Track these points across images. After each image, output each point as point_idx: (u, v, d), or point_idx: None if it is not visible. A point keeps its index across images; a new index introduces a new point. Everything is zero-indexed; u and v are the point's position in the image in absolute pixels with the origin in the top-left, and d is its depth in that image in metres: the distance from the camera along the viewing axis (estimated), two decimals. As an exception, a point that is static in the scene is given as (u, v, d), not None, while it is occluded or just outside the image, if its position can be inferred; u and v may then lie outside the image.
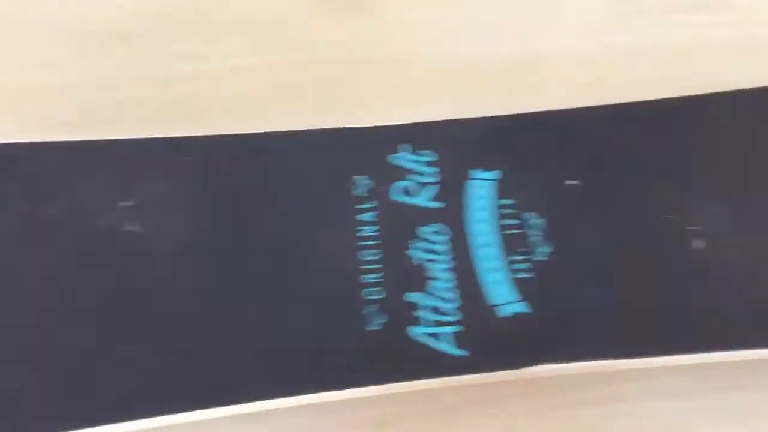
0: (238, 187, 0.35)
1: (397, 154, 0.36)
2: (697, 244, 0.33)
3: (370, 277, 0.32)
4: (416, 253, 0.33)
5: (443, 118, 0.37)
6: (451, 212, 0.33)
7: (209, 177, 0.34)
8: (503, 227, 0.34)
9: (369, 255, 0.33)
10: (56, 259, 0.31)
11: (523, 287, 0.32)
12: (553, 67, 0.42)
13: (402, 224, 0.34)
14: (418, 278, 0.31)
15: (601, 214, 0.34)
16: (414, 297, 0.31)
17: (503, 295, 0.32)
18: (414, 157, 0.36)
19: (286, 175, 0.34)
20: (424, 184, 0.35)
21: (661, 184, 0.35)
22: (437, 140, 0.36)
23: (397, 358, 0.30)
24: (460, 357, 0.30)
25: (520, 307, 0.31)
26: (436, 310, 0.32)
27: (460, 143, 0.36)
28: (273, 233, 0.33)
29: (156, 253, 0.32)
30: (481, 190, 0.35)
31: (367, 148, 0.35)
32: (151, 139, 0.35)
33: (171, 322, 0.31)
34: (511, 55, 0.43)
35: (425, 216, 0.34)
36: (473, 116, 0.37)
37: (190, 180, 0.34)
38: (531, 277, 0.32)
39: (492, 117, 0.37)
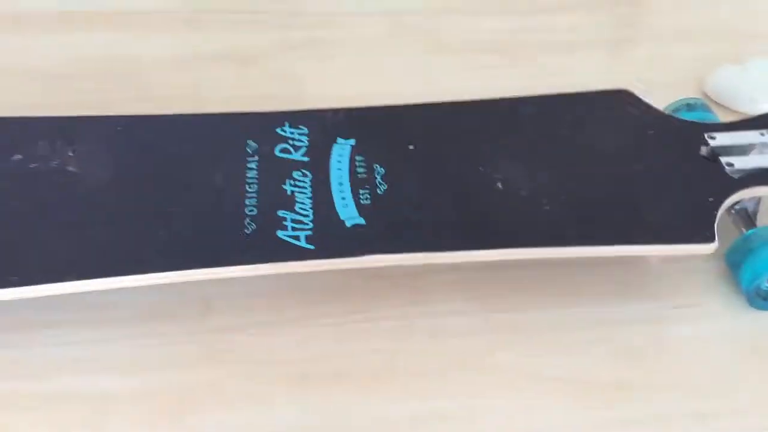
0: (163, 143, 0.50)
1: (281, 128, 0.51)
2: (499, 185, 0.48)
3: (250, 201, 0.46)
4: (289, 188, 0.47)
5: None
6: (315, 163, 0.48)
7: (136, 138, 0.50)
8: (354, 173, 0.48)
9: (252, 188, 0.47)
10: (29, 182, 0.47)
11: (364, 209, 0.45)
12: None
13: (280, 170, 0.48)
14: (288, 202, 0.46)
15: (429, 167, 0.49)
16: (282, 213, 0.45)
17: (349, 213, 0.45)
18: (292, 130, 0.50)
19: (201, 137, 0.50)
20: (297, 147, 0.49)
21: (476, 153, 0.50)
22: (309, 119, 0.51)
23: (268, 250, 0.43)
24: (310, 250, 0.43)
25: (360, 221, 0.45)
26: (296, 221, 0.45)
27: (327, 121, 0.51)
28: (185, 169, 0.48)
29: (89, 184, 0.47)
30: (342, 150, 0.49)
31: (260, 124, 0.51)
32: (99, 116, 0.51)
33: (100, 217, 0.46)
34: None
35: (297, 165, 0.48)
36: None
37: (121, 140, 0.50)
38: (371, 204, 0.46)
39: (349, 108, 0.53)
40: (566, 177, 0.49)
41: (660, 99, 0.55)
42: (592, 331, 0.47)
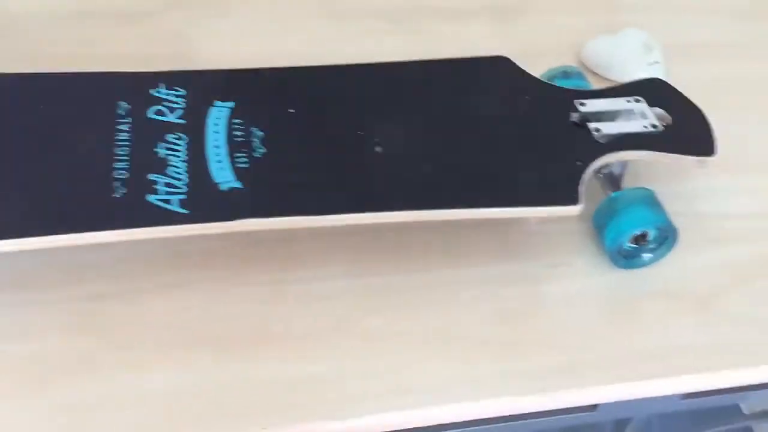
0: (25, 104, 0.48)
1: (156, 89, 0.49)
2: (378, 149, 0.48)
3: (120, 164, 0.45)
4: (162, 151, 0.46)
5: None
6: (192, 126, 0.47)
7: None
8: (232, 136, 0.47)
9: (122, 151, 0.46)
10: None
11: (241, 173, 0.45)
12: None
13: (153, 132, 0.47)
14: (160, 166, 0.45)
15: (309, 130, 0.49)
16: (154, 177, 0.44)
17: (224, 177, 0.45)
18: (168, 92, 0.49)
19: (67, 98, 0.49)
20: (173, 109, 0.48)
21: (357, 116, 0.50)
22: (186, 81, 0.50)
23: (137, 214, 0.42)
24: (183, 214, 0.43)
25: (236, 184, 0.45)
26: (169, 185, 0.44)
27: (206, 84, 0.50)
28: (51, 131, 0.47)
29: None
30: (219, 113, 0.48)
31: (132, 85, 0.49)
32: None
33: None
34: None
35: (171, 128, 0.47)
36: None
37: None
38: (248, 167, 0.46)
39: (228, 70, 0.51)
40: (443, 141, 0.50)
41: (539, 66, 0.56)
42: (468, 291, 0.48)
